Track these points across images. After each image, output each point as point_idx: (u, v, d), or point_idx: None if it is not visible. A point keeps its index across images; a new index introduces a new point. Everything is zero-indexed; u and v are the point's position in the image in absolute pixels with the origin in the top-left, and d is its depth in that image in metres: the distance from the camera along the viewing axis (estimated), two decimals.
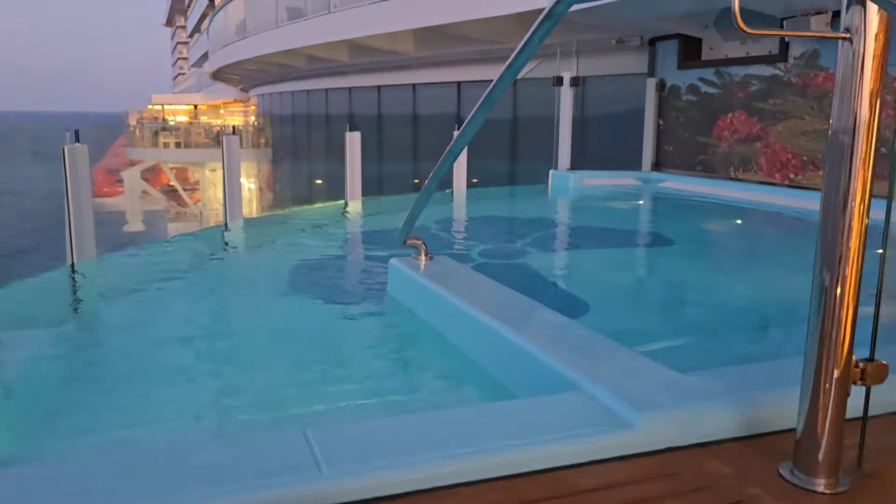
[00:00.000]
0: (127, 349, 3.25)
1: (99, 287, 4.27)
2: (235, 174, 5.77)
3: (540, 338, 2.43)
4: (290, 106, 21.87)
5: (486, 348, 2.71)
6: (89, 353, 3.26)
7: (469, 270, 3.42)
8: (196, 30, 48.57)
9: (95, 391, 2.76)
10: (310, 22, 14.94)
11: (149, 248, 5.31)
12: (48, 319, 3.51)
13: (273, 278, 4.35)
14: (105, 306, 3.88)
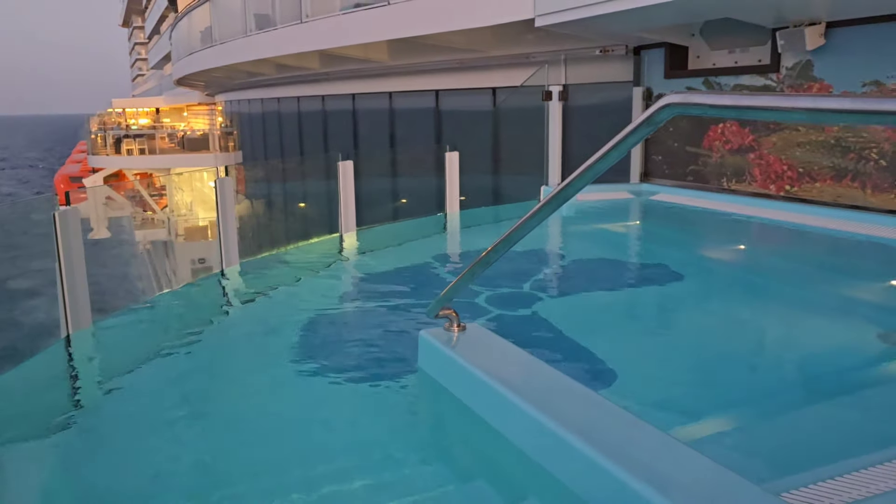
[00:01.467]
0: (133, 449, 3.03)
1: (96, 371, 4.01)
2: (230, 217, 5.52)
3: (601, 441, 2.31)
4: (259, 111, 21.42)
5: (527, 435, 2.59)
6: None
7: (503, 342, 3.25)
8: (155, 31, 47.51)
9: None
10: (280, 31, 14.57)
11: (142, 312, 5.05)
12: (44, 423, 3.25)
13: (276, 346, 4.12)
14: (105, 399, 3.61)
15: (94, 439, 3.17)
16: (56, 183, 48.61)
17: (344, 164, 6.83)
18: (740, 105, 1.44)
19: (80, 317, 4.10)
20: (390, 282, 5.56)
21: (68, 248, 3.98)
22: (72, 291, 4.02)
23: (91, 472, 2.84)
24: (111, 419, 3.38)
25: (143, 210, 33.28)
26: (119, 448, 3.08)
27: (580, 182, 2.09)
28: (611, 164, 1.94)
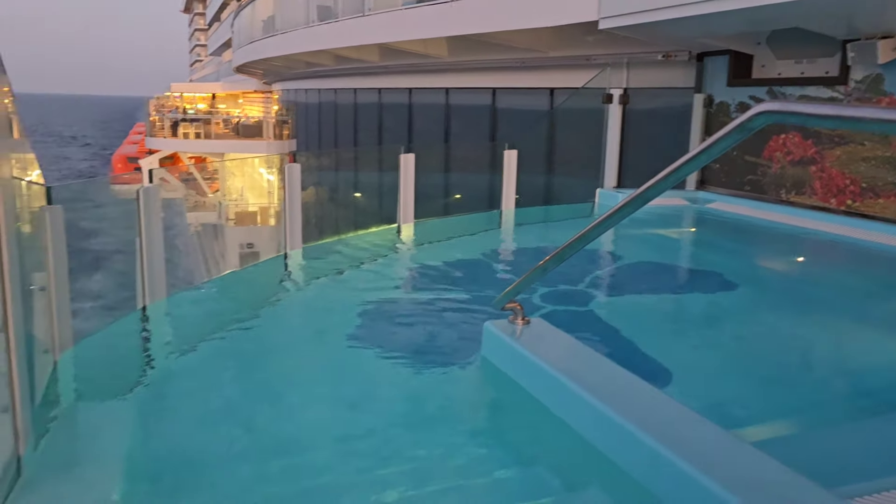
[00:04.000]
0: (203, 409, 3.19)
1: (168, 340, 4.20)
2: (296, 202, 5.69)
3: (666, 435, 2.37)
4: (315, 101, 21.75)
5: (591, 425, 2.68)
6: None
7: (567, 337, 3.33)
8: (216, 18, 48.46)
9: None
10: (341, 24, 14.80)
11: (213, 286, 5.26)
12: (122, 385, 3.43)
13: (340, 329, 4.25)
14: (175, 366, 3.79)
15: (165, 401, 3.36)
16: (114, 162, 50.05)
17: (405, 157, 6.96)
18: (842, 116, 1.48)
19: (156, 289, 4.30)
20: (446, 274, 5.67)
21: (149, 222, 4.19)
22: (150, 264, 4.22)
23: (161, 430, 3.02)
24: (180, 384, 3.56)
25: (195, 193, 34.08)
26: (185, 411, 3.26)
27: (664, 184, 2.15)
28: (697, 167, 1.99)
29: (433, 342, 4.07)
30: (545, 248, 6.73)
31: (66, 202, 3.45)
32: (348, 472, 2.64)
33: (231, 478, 2.63)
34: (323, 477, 2.61)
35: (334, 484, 2.56)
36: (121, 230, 14.43)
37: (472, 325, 4.29)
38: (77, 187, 4.49)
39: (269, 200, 24.56)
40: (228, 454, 2.82)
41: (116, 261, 18.14)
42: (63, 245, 3.40)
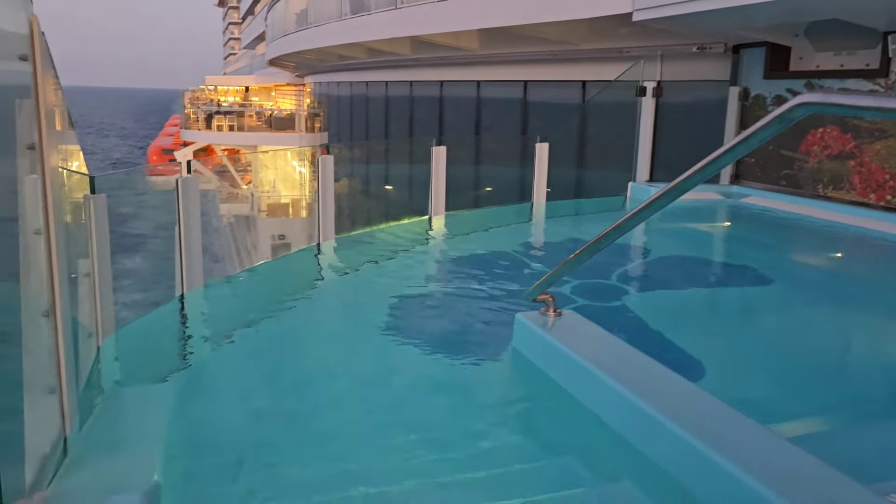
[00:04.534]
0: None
1: (205, 327, 4.30)
2: (329, 194, 5.75)
3: (700, 428, 2.37)
4: (347, 94, 21.86)
5: (624, 418, 2.68)
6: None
7: (599, 329, 3.33)
8: (249, 12, 48.91)
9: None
10: (374, 16, 14.86)
11: (247, 276, 5.36)
12: (162, 368, 3.52)
13: (374, 318, 4.30)
14: (210, 352, 3.88)
15: (202, 386, 3.45)
16: (150, 154, 50.89)
17: (437, 149, 6.98)
18: (883, 107, 1.47)
19: (193, 277, 4.39)
20: (477, 265, 5.69)
21: (187, 212, 4.27)
22: (188, 253, 4.30)
23: (199, 414, 3.11)
24: (216, 369, 3.64)
25: (228, 185, 34.50)
26: (221, 395, 3.35)
27: (699, 177, 2.15)
28: (734, 159, 1.99)
29: (464, 333, 4.10)
30: (576, 240, 6.72)
31: (108, 191, 3.54)
32: (377, 459, 2.68)
33: (264, 460, 2.69)
34: (352, 463, 2.65)
35: (363, 470, 2.61)
36: (157, 216, 14.74)
37: (503, 316, 4.31)
38: (118, 177, 4.59)
39: (300, 192, 24.79)
40: (261, 438, 2.88)
41: (152, 243, 18.54)
42: (106, 233, 3.49)
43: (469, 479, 2.55)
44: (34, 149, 2.23)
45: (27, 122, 2.21)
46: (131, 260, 19.12)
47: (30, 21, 2.19)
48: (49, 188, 2.29)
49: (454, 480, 2.55)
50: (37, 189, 2.24)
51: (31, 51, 2.20)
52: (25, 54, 2.19)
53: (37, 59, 2.22)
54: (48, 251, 2.31)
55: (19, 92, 2.17)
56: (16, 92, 2.16)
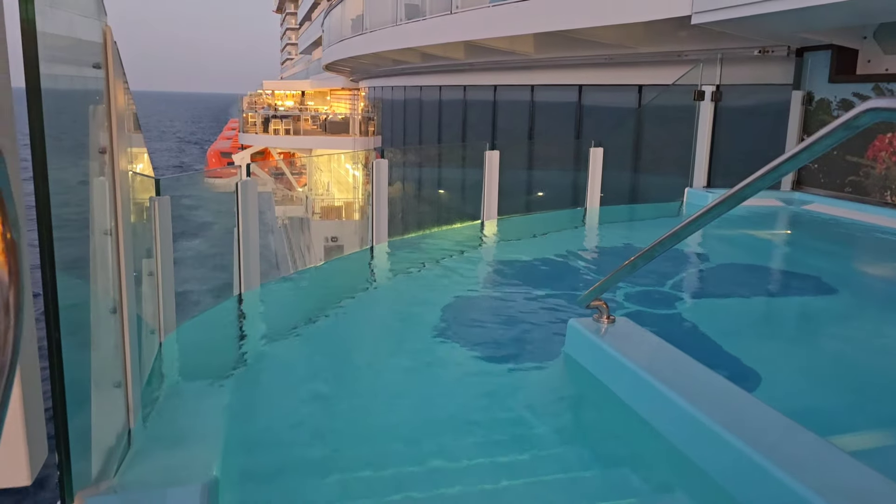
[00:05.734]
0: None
1: (261, 327, 4.39)
2: (383, 197, 5.82)
3: (756, 440, 2.32)
4: (401, 98, 22.05)
5: (678, 428, 2.64)
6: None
7: (651, 336, 3.29)
8: (307, 18, 49.81)
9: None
10: (428, 21, 14.96)
11: (302, 277, 5.47)
12: (218, 366, 3.61)
13: (426, 320, 4.33)
14: (265, 351, 3.97)
15: (258, 383, 3.52)
16: (208, 157, 52.23)
17: (490, 154, 6.99)
18: None
19: (250, 278, 4.49)
20: (529, 270, 5.67)
21: (246, 214, 4.38)
22: (246, 254, 4.41)
23: (255, 410, 3.19)
24: (272, 368, 3.72)
25: (284, 187, 35.15)
26: (276, 393, 3.42)
27: (761, 183, 2.11)
28: (798, 166, 1.94)
29: (516, 338, 4.09)
30: (630, 247, 6.64)
31: (173, 191, 3.66)
32: (424, 463, 2.69)
33: (318, 457, 2.74)
34: (399, 466, 2.67)
35: (410, 473, 2.62)
36: (214, 217, 15.09)
37: (554, 321, 4.29)
38: (183, 179, 4.74)
39: (353, 195, 25.10)
40: (315, 435, 2.94)
41: (209, 236, 19.07)
42: (169, 234, 3.61)
43: (518, 485, 2.54)
44: (105, 152, 2.33)
45: (99, 127, 2.31)
46: (191, 243, 19.82)
47: (103, 31, 2.29)
48: (118, 190, 2.38)
49: (502, 486, 2.54)
50: (106, 191, 2.34)
51: (104, 59, 2.30)
52: (99, 62, 2.28)
53: (109, 66, 2.32)
54: (116, 251, 2.40)
55: (93, 98, 2.27)
56: (90, 98, 2.26)
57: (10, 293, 0.77)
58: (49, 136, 1.72)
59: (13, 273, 0.77)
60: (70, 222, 2.19)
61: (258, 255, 4.53)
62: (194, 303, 5.00)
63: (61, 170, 2.15)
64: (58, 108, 1.98)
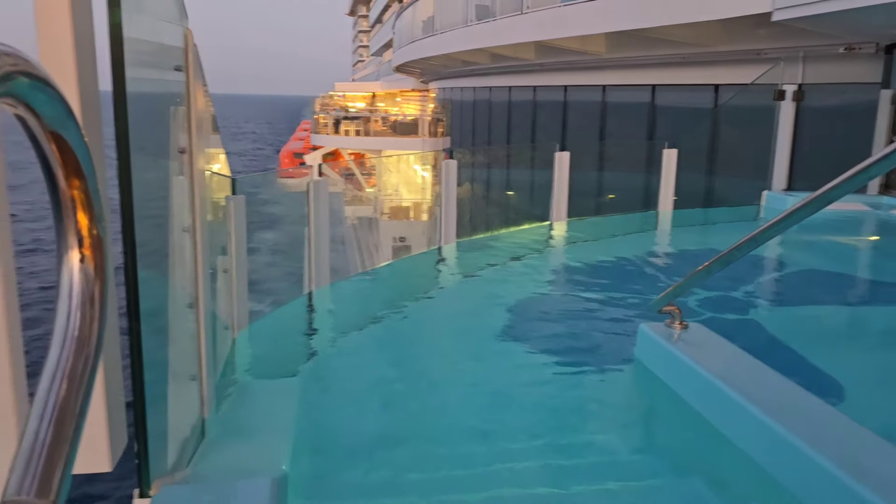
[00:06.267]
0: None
1: (330, 324, 4.47)
2: (452, 198, 5.83)
3: (839, 455, 2.21)
4: (470, 99, 22.08)
5: (754, 439, 2.54)
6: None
7: (727, 344, 3.18)
8: (378, 21, 50.51)
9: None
10: (499, 22, 14.92)
11: (371, 276, 5.55)
12: (288, 362, 3.68)
13: (493, 322, 4.31)
14: (334, 349, 4.02)
15: (327, 379, 3.58)
16: (281, 157, 53.54)
17: (560, 155, 6.92)
18: None
19: (321, 276, 4.57)
20: (599, 273, 5.58)
21: (317, 214, 4.45)
22: (316, 253, 4.49)
23: (323, 405, 3.24)
24: (340, 364, 3.78)
25: (353, 188, 35.67)
26: (344, 389, 3.47)
27: (847, 187, 2.00)
28: (888, 169, 1.84)
29: (584, 341, 4.04)
30: (703, 251, 6.45)
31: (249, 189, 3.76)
32: (488, 464, 2.67)
33: (384, 453, 2.76)
34: (471, 466, 2.66)
35: (480, 473, 2.61)
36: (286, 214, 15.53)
37: (624, 326, 4.20)
38: (258, 178, 4.87)
39: (422, 196, 25.26)
40: (382, 432, 2.96)
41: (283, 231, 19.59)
42: (244, 232, 3.71)
43: (585, 492, 2.50)
44: (184, 152, 2.41)
45: (179, 128, 2.38)
46: (265, 234, 20.45)
47: (185, 34, 2.37)
48: (196, 189, 2.46)
49: (569, 493, 2.50)
50: (185, 190, 2.41)
51: (185, 62, 2.37)
52: (180, 65, 2.36)
53: (190, 69, 2.39)
54: (193, 247, 2.47)
55: (174, 100, 2.35)
56: (171, 100, 2.34)
57: (95, 287, 0.79)
58: (132, 137, 1.78)
59: (98, 267, 0.80)
60: (151, 220, 2.27)
61: (328, 253, 4.61)
62: (266, 291, 5.11)
63: (143, 169, 2.24)
64: (141, 109, 2.06)
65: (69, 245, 0.78)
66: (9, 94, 0.65)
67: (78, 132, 0.75)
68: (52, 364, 0.76)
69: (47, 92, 0.69)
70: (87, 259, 0.78)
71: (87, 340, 0.78)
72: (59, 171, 0.75)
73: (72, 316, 0.79)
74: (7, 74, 0.63)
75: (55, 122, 0.72)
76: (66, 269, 0.78)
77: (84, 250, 0.78)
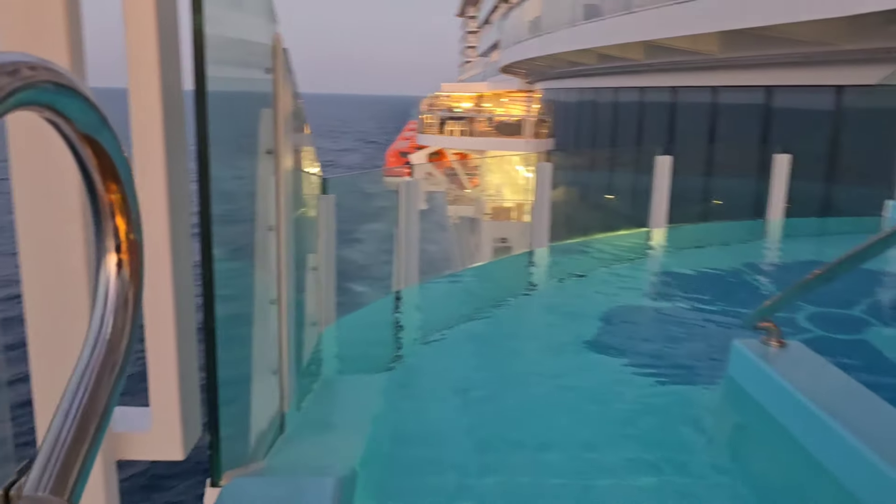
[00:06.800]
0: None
1: (417, 325, 4.49)
2: (545, 201, 5.75)
3: None
4: (575, 100, 21.76)
5: (849, 466, 2.34)
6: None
7: (829, 366, 2.96)
8: (486, 21, 50.63)
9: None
10: (607, 22, 14.60)
11: (460, 278, 5.55)
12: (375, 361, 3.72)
13: (583, 329, 4.20)
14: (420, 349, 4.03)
15: (410, 379, 3.60)
16: (387, 156, 54.65)
17: (661, 159, 6.68)
18: None
19: (409, 275, 4.61)
20: (696, 283, 5.34)
21: (408, 214, 4.49)
22: (406, 252, 4.53)
23: (404, 405, 3.25)
24: (424, 365, 3.79)
25: (456, 187, 35.92)
26: (427, 390, 3.46)
27: None
28: None
29: (676, 355, 3.87)
30: (814, 264, 6.03)
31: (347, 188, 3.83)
32: (574, 477, 2.60)
33: (461, 459, 2.74)
34: (555, 475, 2.60)
35: (567, 485, 2.55)
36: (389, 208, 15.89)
37: (720, 341, 3.99)
38: (349, 178, 4.97)
39: (524, 197, 25.09)
40: (462, 436, 2.94)
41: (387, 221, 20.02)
42: (333, 230, 3.78)
43: None
44: (272, 153, 2.47)
45: (267, 129, 2.45)
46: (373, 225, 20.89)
47: (274, 38, 2.43)
48: (282, 189, 2.52)
49: None
50: (271, 190, 2.48)
51: (273, 64, 2.44)
52: (269, 67, 2.43)
53: (278, 72, 2.46)
54: (277, 246, 2.54)
55: (262, 101, 2.42)
56: (260, 102, 2.41)
57: (129, 291, 0.81)
58: (218, 137, 1.84)
59: (134, 272, 0.81)
60: (236, 218, 2.35)
61: (417, 253, 4.64)
62: (373, 277, 5.15)
63: (230, 168, 2.32)
64: (227, 110, 2.13)
65: (107, 248, 0.80)
66: (36, 102, 0.66)
67: (113, 138, 0.76)
68: (83, 364, 0.78)
69: (78, 98, 0.70)
70: (124, 263, 0.80)
71: (118, 344, 0.79)
72: (96, 176, 0.77)
73: (106, 319, 0.81)
74: (34, 83, 0.65)
75: (89, 127, 0.73)
76: (103, 273, 0.80)
77: (122, 255, 0.80)
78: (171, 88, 1.69)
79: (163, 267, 1.70)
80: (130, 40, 1.62)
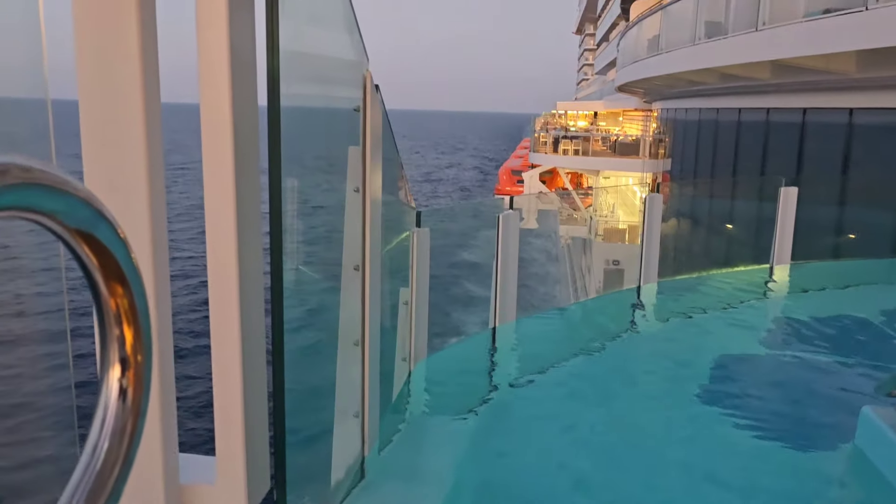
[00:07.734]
0: None
1: (512, 362, 4.32)
2: (655, 234, 5.44)
3: None
4: (695, 120, 20.91)
5: None
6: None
7: None
8: (604, 39, 49.88)
9: None
10: (730, 40, 13.92)
11: (561, 314, 5.33)
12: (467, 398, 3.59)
13: (690, 377, 3.90)
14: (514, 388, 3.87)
15: (503, 422, 3.44)
16: (500, 175, 54.71)
17: (786, 190, 6.19)
18: None
19: (506, 311, 4.46)
20: (824, 331, 4.87)
21: (506, 247, 4.36)
22: (503, 287, 4.39)
23: (495, 452, 3.10)
24: (518, 407, 3.62)
25: (568, 206, 35.40)
26: (520, 436, 3.29)
27: None
28: None
29: (797, 415, 3.51)
30: None
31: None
32: None
33: None
34: None
35: None
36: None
37: (849, 402, 3.59)
38: (446, 211, 4.89)
39: (638, 219, 24.31)
40: (553, 491, 2.76)
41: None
42: (427, 264, 3.70)
43: None
44: (359, 191, 2.41)
45: (355, 167, 2.40)
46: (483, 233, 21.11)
47: (364, 76, 2.38)
48: (368, 228, 2.45)
49: None
50: (357, 228, 2.42)
51: (363, 103, 2.39)
52: (359, 106, 2.38)
53: (368, 110, 2.40)
54: (363, 285, 2.47)
55: (351, 140, 2.37)
56: (349, 140, 2.36)
57: (128, 422, 0.72)
58: (302, 175, 1.79)
59: (136, 401, 0.71)
60: (320, 258, 2.30)
61: (515, 288, 4.49)
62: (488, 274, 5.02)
63: (318, 207, 2.28)
64: (313, 147, 2.08)
65: (110, 362, 0.71)
66: (15, 206, 0.59)
67: (112, 231, 0.68)
68: (67, 497, 0.69)
69: (61, 194, 0.62)
70: (127, 387, 0.71)
71: (107, 479, 0.70)
72: (97, 275, 0.69)
73: (99, 447, 0.71)
74: (8, 186, 0.57)
75: (80, 223, 0.65)
76: (103, 392, 0.71)
77: (124, 377, 0.71)
78: (243, 117, 1.61)
79: (230, 307, 1.63)
80: (204, 85, 1.58)
